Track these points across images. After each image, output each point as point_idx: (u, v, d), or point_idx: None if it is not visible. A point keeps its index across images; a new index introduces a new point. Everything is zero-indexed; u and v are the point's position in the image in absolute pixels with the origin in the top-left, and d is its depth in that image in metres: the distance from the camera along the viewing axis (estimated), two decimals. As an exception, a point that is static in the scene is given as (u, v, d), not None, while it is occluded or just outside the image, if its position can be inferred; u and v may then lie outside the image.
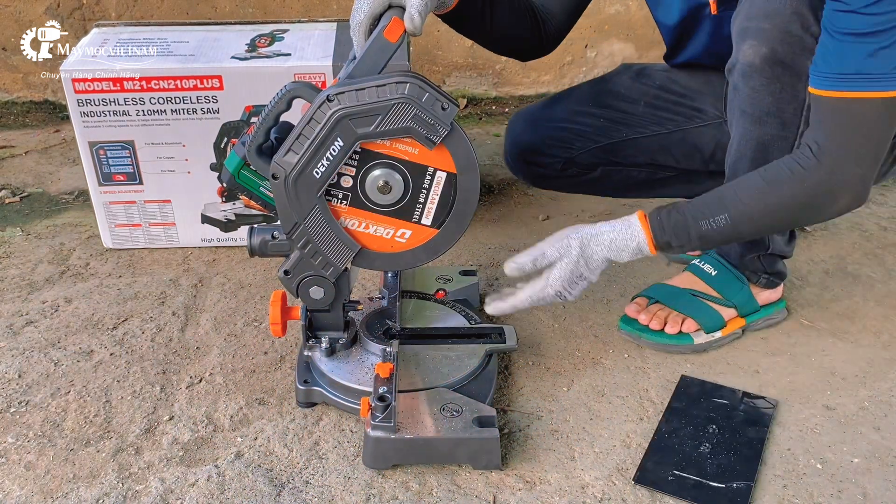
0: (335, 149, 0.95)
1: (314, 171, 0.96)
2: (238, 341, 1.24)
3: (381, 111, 0.93)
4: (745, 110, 1.10)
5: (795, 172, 1.00)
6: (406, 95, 0.93)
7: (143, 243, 1.51)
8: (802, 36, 1.01)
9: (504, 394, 1.12)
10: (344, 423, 1.06)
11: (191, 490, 0.95)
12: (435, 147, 0.96)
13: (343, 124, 0.94)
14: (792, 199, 1.02)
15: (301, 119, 0.95)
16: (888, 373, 1.17)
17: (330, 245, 1.00)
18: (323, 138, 0.94)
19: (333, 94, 0.93)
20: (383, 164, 0.98)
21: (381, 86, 0.93)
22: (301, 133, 0.94)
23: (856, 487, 0.96)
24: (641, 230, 1.05)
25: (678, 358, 1.20)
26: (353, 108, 0.93)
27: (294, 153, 0.95)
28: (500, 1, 1.24)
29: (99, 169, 1.43)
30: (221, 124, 1.40)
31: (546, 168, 1.44)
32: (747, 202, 1.03)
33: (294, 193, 0.96)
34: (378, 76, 0.94)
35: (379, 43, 0.95)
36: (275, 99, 0.96)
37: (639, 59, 2.39)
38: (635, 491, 0.95)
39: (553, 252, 1.06)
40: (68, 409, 1.09)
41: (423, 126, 0.94)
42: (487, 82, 2.39)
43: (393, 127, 0.94)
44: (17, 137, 2.08)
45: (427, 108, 0.93)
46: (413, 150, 0.97)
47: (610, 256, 1.06)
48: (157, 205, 1.47)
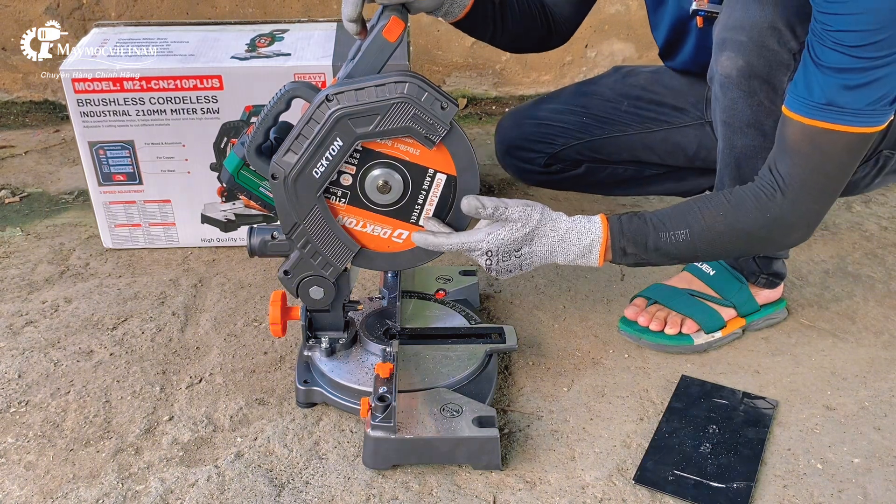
0: (334, 148, 0.95)
1: (313, 170, 0.95)
2: (238, 341, 1.24)
3: (380, 111, 0.93)
4: (725, 121, 1.11)
5: (759, 201, 1.01)
6: (405, 95, 0.92)
7: (142, 243, 1.50)
8: (779, 51, 1.02)
9: (504, 394, 1.12)
10: (344, 424, 1.06)
11: (191, 490, 0.95)
12: (435, 147, 0.96)
13: (342, 124, 0.93)
14: (752, 227, 1.02)
15: (300, 119, 0.95)
16: (889, 373, 1.17)
17: (329, 245, 1.00)
18: (322, 138, 0.94)
19: (332, 94, 0.92)
20: (384, 164, 0.98)
21: (380, 85, 0.92)
22: (300, 133, 0.94)
23: (856, 488, 0.96)
24: (600, 228, 1.00)
25: (679, 358, 1.20)
26: (352, 108, 0.93)
27: (293, 153, 0.95)
28: (510, 5, 1.25)
29: (99, 169, 1.43)
30: (221, 124, 1.39)
31: (531, 163, 1.48)
32: (710, 222, 1.02)
33: (293, 193, 0.96)
34: (377, 76, 0.94)
35: (378, 42, 0.94)
36: (274, 99, 0.96)
37: (639, 59, 2.39)
38: (635, 491, 0.95)
39: (514, 213, 0.98)
40: (68, 409, 1.08)
41: (423, 125, 0.94)
42: (487, 82, 2.39)
43: (392, 126, 0.94)
44: (17, 137, 2.08)
45: (426, 107, 0.93)
46: (414, 151, 0.97)
47: (555, 249, 1.00)
48: (156, 205, 1.47)
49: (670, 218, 1.03)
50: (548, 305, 1.34)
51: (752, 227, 1.02)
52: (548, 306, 1.34)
